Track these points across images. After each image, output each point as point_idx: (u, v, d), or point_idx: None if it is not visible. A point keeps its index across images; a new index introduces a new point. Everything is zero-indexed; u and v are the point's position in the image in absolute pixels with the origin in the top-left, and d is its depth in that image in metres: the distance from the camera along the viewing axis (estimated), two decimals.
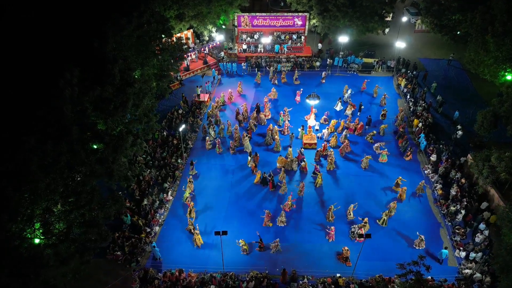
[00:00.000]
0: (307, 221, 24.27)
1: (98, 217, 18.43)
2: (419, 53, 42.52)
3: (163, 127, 31.44)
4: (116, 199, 19.75)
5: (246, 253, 22.33)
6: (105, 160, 20.43)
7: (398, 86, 36.97)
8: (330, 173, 27.67)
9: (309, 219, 24.38)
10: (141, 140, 23.70)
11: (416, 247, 22.53)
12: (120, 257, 21.98)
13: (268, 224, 23.73)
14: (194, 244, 22.76)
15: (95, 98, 19.72)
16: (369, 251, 21.82)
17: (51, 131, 17.29)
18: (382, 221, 23.76)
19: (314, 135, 30.17)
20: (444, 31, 39.62)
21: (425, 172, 27.69)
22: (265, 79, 38.53)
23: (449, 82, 37.87)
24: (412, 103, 33.96)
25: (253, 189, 26.56)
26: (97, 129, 21.03)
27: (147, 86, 25.06)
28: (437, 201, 25.40)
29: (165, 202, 25.56)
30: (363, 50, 41.35)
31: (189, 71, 39.06)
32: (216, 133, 30.80)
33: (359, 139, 30.63)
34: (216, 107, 33.49)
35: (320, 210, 24.98)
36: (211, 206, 25.40)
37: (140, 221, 23.72)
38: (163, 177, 27.04)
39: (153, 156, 28.79)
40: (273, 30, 42.25)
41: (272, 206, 25.29)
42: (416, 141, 30.26)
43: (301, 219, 24.44)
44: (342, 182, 27.06)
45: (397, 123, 31.66)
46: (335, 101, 33.99)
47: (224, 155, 29.46)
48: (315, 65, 39.68)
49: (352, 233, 22.98)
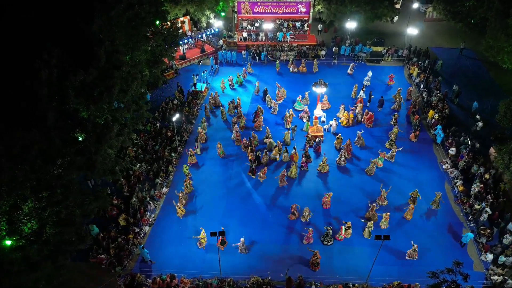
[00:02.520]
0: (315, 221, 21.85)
1: (76, 215, 15.97)
2: (430, 42, 39.94)
3: (156, 118, 28.98)
4: (97, 195, 17.31)
5: (201, 246, 20.26)
6: (87, 150, 18.04)
7: (410, 76, 34.45)
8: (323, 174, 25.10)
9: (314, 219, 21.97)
10: (129, 130, 21.27)
11: (408, 257, 19.76)
12: (104, 260, 19.51)
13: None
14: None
15: (78, 82, 17.49)
16: (384, 255, 19.41)
17: (23, 116, 15.03)
18: (366, 232, 20.92)
19: (321, 127, 27.68)
20: (458, 18, 37.16)
21: (443, 167, 25.19)
22: (269, 68, 36.16)
23: (463, 71, 35.33)
24: (426, 93, 31.43)
25: (255, 184, 24.12)
26: (79, 117, 18.69)
27: (137, 70, 22.64)
28: (458, 199, 22.92)
29: (157, 199, 23.09)
30: (371, 39, 38.78)
31: (185, 59, 36.55)
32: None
33: (369, 133, 28.12)
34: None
35: (322, 207, 22.59)
36: (207, 202, 22.97)
37: (127, 220, 21.33)
38: (155, 172, 24.57)
39: (144, 149, 26.32)
40: (275, 18, 39.72)
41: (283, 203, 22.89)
42: (431, 134, 27.75)
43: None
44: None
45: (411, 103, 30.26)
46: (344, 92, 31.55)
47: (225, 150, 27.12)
48: (320, 54, 37.15)
49: (326, 236, 20.55)
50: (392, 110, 30.04)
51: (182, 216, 22.01)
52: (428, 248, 20.23)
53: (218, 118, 29.88)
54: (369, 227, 20.71)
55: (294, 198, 23.04)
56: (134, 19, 23.23)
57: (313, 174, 24.89)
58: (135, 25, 23.62)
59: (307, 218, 21.59)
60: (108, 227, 20.90)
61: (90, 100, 18.45)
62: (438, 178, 24.50)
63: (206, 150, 26.91)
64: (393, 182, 23.81)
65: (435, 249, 20.25)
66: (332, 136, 27.71)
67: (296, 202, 22.10)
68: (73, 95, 17.64)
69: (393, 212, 21.86)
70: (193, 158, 25.59)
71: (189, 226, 21.43)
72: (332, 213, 22.20)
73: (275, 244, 20.48)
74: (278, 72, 35.53)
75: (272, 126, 28.46)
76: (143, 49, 25.69)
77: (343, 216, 21.79)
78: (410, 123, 28.68)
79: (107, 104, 19.70)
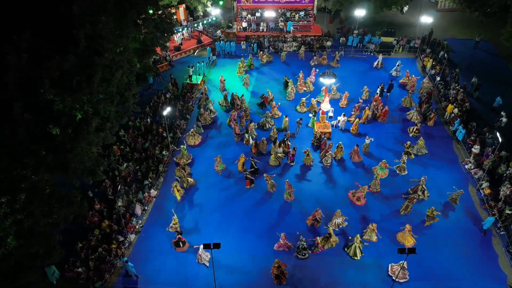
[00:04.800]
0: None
1: (42, 225, 13.39)
2: (443, 32, 37.25)
3: (147, 113, 26.36)
4: (70, 200, 14.72)
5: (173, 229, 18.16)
6: (60, 148, 15.51)
7: (423, 68, 31.79)
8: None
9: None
10: (112, 124, 18.64)
11: (395, 278, 16.32)
12: (82, 274, 16.88)
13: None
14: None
15: (53, 69, 15.06)
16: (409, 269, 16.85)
17: None
18: (351, 250, 17.89)
19: (328, 123, 25.05)
20: (473, 6, 34.47)
21: (465, 167, 22.57)
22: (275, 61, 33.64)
23: (480, 63, 32.65)
24: (443, 86, 28.78)
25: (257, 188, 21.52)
26: (53, 109, 16.12)
27: (123, 58, 20.05)
28: (485, 203, 20.31)
29: (145, 203, 20.48)
30: (380, 29, 36.08)
31: (181, 51, 33.91)
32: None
33: (381, 129, 25.51)
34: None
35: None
36: (201, 206, 20.38)
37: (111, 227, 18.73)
38: (144, 172, 21.96)
39: (133, 146, 23.71)
40: (277, 7, 37.06)
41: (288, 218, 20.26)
42: (451, 130, 25.11)
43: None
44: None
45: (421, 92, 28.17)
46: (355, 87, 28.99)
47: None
48: (326, 45, 34.50)
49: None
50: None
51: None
52: (454, 260, 17.61)
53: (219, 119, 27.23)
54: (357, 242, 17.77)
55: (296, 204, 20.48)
56: (122, 3, 20.69)
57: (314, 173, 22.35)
58: (123, 10, 21.03)
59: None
60: (88, 236, 18.30)
61: (66, 90, 15.95)
62: (460, 180, 21.85)
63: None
64: (408, 185, 21.21)
65: (462, 261, 17.62)
66: (340, 133, 25.11)
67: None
68: (48, 84, 15.21)
69: (413, 220, 19.27)
70: (196, 137, 24.07)
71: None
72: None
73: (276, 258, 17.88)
74: (284, 62, 33.05)
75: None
76: (132, 37, 23.12)
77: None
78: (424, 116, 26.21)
79: (88, 95, 17.18)
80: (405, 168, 21.98)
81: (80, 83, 16.37)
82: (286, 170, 22.54)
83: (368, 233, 18.40)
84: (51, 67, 15.04)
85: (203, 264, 17.44)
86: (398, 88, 29.55)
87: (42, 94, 15.20)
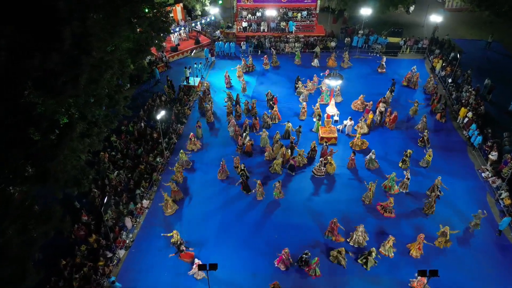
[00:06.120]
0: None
1: (13, 245, 11.76)
2: (452, 33, 35.74)
3: (141, 117, 24.79)
4: (49, 215, 13.11)
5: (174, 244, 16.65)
6: (41, 155, 13.98)
7: (432, 70, 30.27)
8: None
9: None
10: (100, 130, 17.08)
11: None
12: None
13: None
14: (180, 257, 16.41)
15: (35, 69, 13.60)
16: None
17: None
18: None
19: (334, 128, 23.48)
20: (484, 5, 33.03)
21: (482, 175, 20.98)
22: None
23: (492, 65, 31.15)
24: (454, 88, 27.24)
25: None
26: (35, 113, 14.58)
27: (113, 57, 18.57)
28: (505, 214, 18.69)
29: (137, 215, 18.87)
30: (386, 29, 34.58)
31: (178, 51, 32.40)
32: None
33: (390, 135, 23.94)
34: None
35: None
36: (197, 218, 18.77)
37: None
38: (136, 181, 20.36)
39: (125, 153, 22.13)
40: (278, 6, 35.60)
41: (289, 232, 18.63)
42: (465, 136, 23.53)
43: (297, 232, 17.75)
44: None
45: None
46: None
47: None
48: (330, 46, 33.00)
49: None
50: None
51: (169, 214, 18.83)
52: (486, 277, 15.97)
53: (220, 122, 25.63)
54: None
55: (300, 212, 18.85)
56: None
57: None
58: (115, 6, 19.54)
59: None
60: (74, 252, 16.66)
61: (50, 92, 14.47)
62: (477, 189, 20.26)
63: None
64: (422, 194, 19.64)
65: (484, 281, 15.97)
66: (347, 138, 23.52)
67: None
68: (31, 85, 13.81)
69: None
70: (195, 143, 22.57)
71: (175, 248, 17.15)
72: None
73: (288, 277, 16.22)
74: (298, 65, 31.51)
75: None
76: (125, 35, 21.65)
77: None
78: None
79: (74, 97, 15.71)
80: (408, 186, 20.02)
81: (65, 84, 14.88)
82: (288, 180, 20.94)
83: (387, 248, 16.72)
84: (32, 66, 13.53)
85: (202, 279, 15.78)
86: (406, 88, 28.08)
87: (25, 96, 13.77)
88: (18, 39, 13.30)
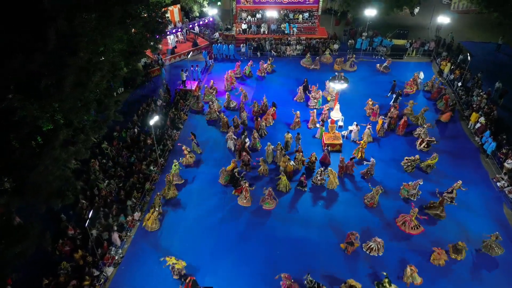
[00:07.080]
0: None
1: None
2: (459, 35, 34.54)
3: (135, 122, 23.52)
4: (24, 232, 11.79)
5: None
6: (19, 165, 12.77)
7: (440, 73, 29.02)
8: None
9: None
10: (87, 137, 15.78)
11: None
12: None
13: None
14: (173, 273, 15.05)
15: (15, 70, 12.45)
16: None
17: None
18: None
19: (338, 133, 22.20)
20: (493, 6, 31.86)
21: (497, 184, 19.65)
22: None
23: (502, 68, 29.88)
24: (464, 91, 25.97)
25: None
26: (15, 118, 13.33)
27: (102, 59, 17.39)
28: None
29: (128, 228, 17.53)
30: (391, 31, 33.38)
31: (174, 54, 31.18)
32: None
33: (398, 141, 22.64)
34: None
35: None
36: (192, 232, 17.40)
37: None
38: (128, 191, 19.03)
39: (117, 161, 20.82)
40: (279, 8, 34.44)
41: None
42: (477, 142, 22.23)
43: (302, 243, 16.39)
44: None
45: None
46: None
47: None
48: (332, 48, 31.79)
49: None
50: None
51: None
52: None
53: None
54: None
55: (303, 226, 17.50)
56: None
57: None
58: (107, 5, 18.32)
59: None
60: (57, 271, 15.30)
61: (32, 96, 13.30)
62: (492, 200, 18.95)
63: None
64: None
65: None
66: (352, 145, 22.21)
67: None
68: (12, 88, 12.67)
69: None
70: (190, 157, 20.96)
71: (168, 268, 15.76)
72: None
73: None
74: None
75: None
76: (117, 36, 20.44)
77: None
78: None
79: (58, 101, 14.49)
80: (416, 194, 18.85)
81: (49, 87, 13.69)
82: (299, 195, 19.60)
83: (408, 276, 15.21)
84: (13, 67, 12.34)
85: None
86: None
87: (9, 100, 12.59)
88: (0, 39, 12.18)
